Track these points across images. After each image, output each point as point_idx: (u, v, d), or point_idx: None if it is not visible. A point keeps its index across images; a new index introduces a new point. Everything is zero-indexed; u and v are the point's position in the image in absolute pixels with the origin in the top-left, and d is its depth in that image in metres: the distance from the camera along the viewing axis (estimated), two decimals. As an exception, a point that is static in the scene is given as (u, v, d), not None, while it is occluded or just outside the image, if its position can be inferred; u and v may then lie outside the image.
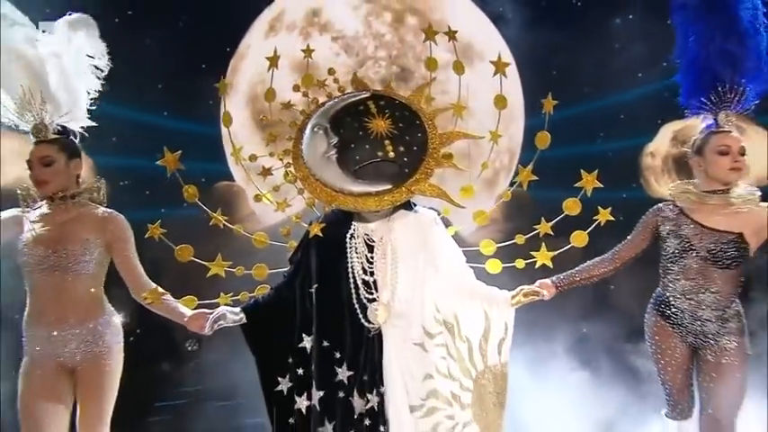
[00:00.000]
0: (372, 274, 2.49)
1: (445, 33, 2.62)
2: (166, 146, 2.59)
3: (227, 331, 2.58)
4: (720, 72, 2.80)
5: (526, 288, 2.59)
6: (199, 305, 2.59)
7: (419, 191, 2.47)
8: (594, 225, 2.61)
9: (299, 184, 2.53)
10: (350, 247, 2.51)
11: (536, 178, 2.63)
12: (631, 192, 4.80)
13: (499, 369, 2.54)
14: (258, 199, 2.69)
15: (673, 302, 2.84)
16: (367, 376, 2.46)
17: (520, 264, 2.63)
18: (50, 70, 2.77)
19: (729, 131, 2.81)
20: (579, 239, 2.61)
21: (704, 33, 2.83)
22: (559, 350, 4.43)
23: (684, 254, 2.77)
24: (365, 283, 2.49)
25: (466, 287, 2.58)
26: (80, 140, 2.92)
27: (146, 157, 2.89)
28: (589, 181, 2.58)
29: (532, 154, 2.67)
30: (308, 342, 2.53)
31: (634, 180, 4.96)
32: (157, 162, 2.55)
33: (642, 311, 2.99)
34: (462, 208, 2.57)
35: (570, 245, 2.61)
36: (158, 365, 4.91)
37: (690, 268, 2.77)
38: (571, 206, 2.59)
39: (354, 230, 2.54)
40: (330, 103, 2.62)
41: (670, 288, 2.85)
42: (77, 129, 2.87)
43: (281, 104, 2.65)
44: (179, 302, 2.61)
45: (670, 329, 2.86)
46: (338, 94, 2.64)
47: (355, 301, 2.48)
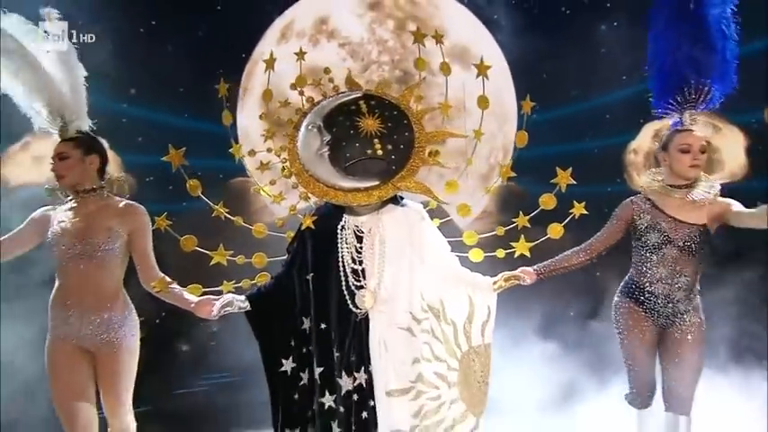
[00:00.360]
0: (361, 264, 2.48)
1: (432, 37, 2.58)
2: (189, 146, 2.60)
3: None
4: (687, 75, 2.79)
5: (507, 274, 2.58)
6: (204, 292, 2.57)
7: (405, 187, 2.46)
8: (569, 218, 2.58)
9: (294, 179, 2.52)
10: (340, 238, 2.51)
11: (519, 173, 2.62)
12: (616, 186, 4.77)
13: (483, 349, 2.53)
14: (257, 191, 2.68)
15: (648, 288, 2.83)
16: (354, 357, 2.45)
17: (500, 253, 2.61)
18: (63, 79, 2.80)
19: (692, 130, 2.81)
20: (555, 231, 2.59)
21: (673, 40, 2.82)
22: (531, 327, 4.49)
23: (663, 246, 2.78)
24: (354, 272, 2.48)
25: (451, 274, 2.56)
26: (110, 140, 2.96)
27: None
28: (563, 177, 2.57)
29: (524, 151, 2.65)
30: (308, 323, 2.53)
31: (618, 175, 4.91)
32: (162, 159, 2.55)
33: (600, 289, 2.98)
34: (445, 204, 2.57)
35: (547, 236, 2.59)
36: (180, 345, 4.95)
37: (667, 257, 2.78)
38: (547, 201, 2.57)
39: (345, 222, 2.52)
40: (324, 103, 2.60)
41: (648, 275, 2.83)
42: (85, 128, 2.88)
43: (279, 102, 2.63)
44: (185, 290, 2.60)
45: (642, 314, 2.85)
46: (333, 94, 2.61)
47: (344, 288, 2.47)
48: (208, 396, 4.82)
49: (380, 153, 2.45)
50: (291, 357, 2.53)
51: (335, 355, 2.48)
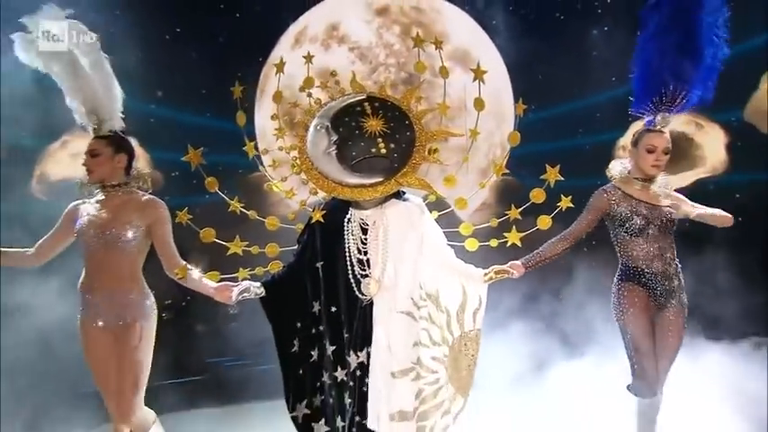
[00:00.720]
0: (366, 254, 2.48)
1: (432, 42, 2.57)
2: (211, 143, 2.61)
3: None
4: (666, 80, 2.74)
5: (497, 267, 2.56)
6: (221, 279, 2.58)
7: (406, 183, 2.46)
8: (557, 211, 2.57)
9: (304, 176, 2.51)
10: (347, 231, 2.50)
11: (516, 167, 2.60)
12: (605, 179, 4.74)
13: (473, 334, 2.52)
14: (269, 187, 2.67)
15: (646, 269, 2.78)
16: (359, 338, 2.46)
17: (494, 243, 2.59)
18: (99, 83, 2.81)
19: (661, 132, 2.78)
20: (544, 223, 2.57)
21: (660, 47, 2.76)
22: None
23: (646, 227, 2.75)
24: (359, 261, 2.48)
25: (447, 264, 2.55)
26: (139, 138, 2.97)
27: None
28: (552, 174, 2.55)
29: (521, 147, 2.63)
30: (317, 306, 2.54)
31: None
32: (183, 159, 2.56)
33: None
34: (444, 198, 2.56)
35: (536, 227, 2.58)
36: (205, 326, 4.99)
37: (652, 236, 2.77)
38: (537, 195, 2.55)
39: (351, 216, 2.52)
40: (331, 104, 2.59)
41: (641, 256, 2.79)
42: (118, 129, 2.88)
43: (289, 104, 2.62)
44: (204, 277, 2.61)
45: (645, 296, 2.78)
46: (339, 96, 2.60)
47: (351, 276, 2.48)
48: (228, 369, 4.88)
49: (384, 151, 2.45)
50: (300, 338, 2.54)
51: (345, 336, 2.49)
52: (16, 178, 4.68)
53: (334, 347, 2.51)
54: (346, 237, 2.50)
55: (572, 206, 2.59)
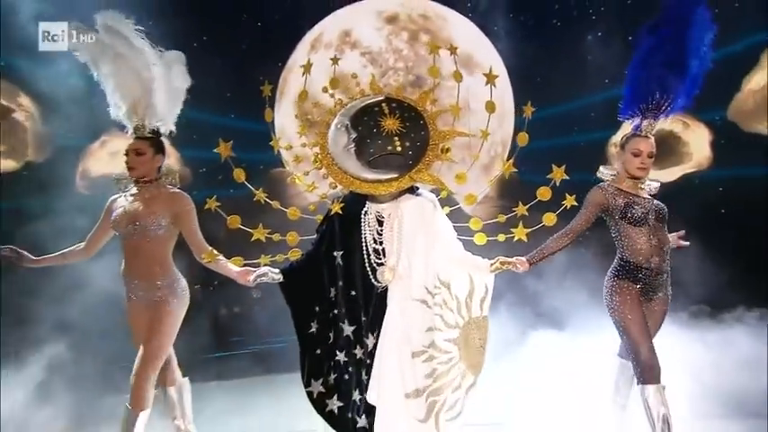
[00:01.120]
0: (381, 244, 2.46)
1: (447, 49, 2.53)
2: (235, 141, 2.60)
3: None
4: (653, 90, 2.68)
5: (502, 258, 2.52)
6: (244, 264, 2.59)
7: (420, 179, 2.44)
8: (561, 209, 2.51)
9: (325, 171, 2.49)
10: (363, 222, 2.48)
11: (515, 170, 2.55)
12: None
13: (480, 320, 2.49)
14: (292, 181, 2.64)
15: (643, 264, 2.67)
16: (374, 323, 2.44)
17: (501, 237, 2.54)
18: (157, 88, 2.81)
19: (646, 137, 2.72)
20: (549, 219, 2.50)
21: (650, 63, 2.71)
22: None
23: (646, 217, 2.67)
24: (375, 251, 2.46)
25: (456, 255, 2.52)
26: (171, 138, 2.98)
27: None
28: (558, 173, 2.49)
29: (518, 148, 2.59)
30: (334, 292, 2.52)
31: (602, 165, 4.86)
32: (214, 150, 2.56)
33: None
34: (453, 194, 2.53)
35: (542, 224, 2.52)
36: (231, 308, 5.03)
37: (653, 227, 2.68)
38: (543, 193, 2.49)
39: (368, 209, 2.50)
40: (351, 105, 2.56)
41: (644, 250, 2.67)
42: (166, 131, 2.90)
43: (313, 104, 2.59)
44: (229, 262, 2.62)
45: (637, 289, 2.68)
46: (358, 97, 2.58)
47: (367, 265, 2.46)
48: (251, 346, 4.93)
49: (400, 149, 2.44)
50: (317, 320, 2.53)
51: (363, 319, 2.48)
52: (63, 175, 4.76)
53: (353, 327, 2.49)
54: (363, 228, 2.48)
55: (576, 204, 2.55)
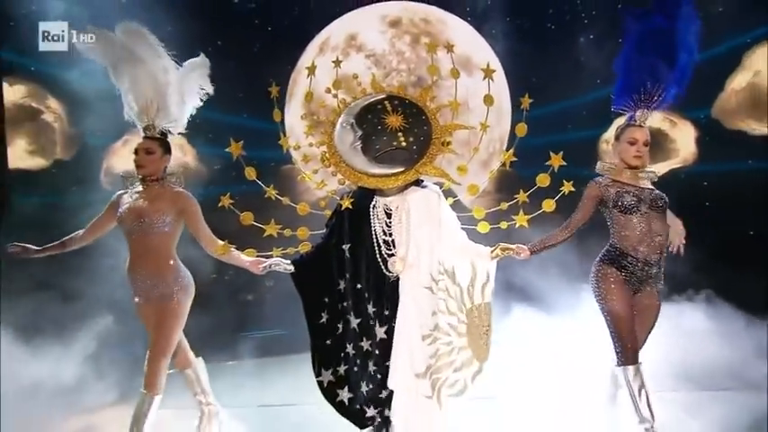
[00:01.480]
0: (390, 236, 2.43)
1: (444, 47, 2.49)
2: (247, 140, 2.58)
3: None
4: (644, 80, 2.63)
5: (503, 245, 2.48)
6: (257, 256, 2.57)
7: (425, 172, 2.40)
8: (560, 195, 2.48)
9: (333, 168, 2.46)
10: (372, 215, 2.45)
11: (515, 159, 2.53)
12: (591, 169, 4.67)
13: (483, 306, 2.47)
14: (302, 180, 2.60)
15: (629, 251, 2.60)
16: (388, 311, 2.41)
17: (504, 225, 2.51)
18: (171, 92, 2.77)
19: (641, 126, 2.66)
20: (548, 205, 2.47)
21: (640, 54, 2.66)
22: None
23: (638, 205, 2.60)
24: (385, 242, 2.43)
25: (459, 244, 2.49)
26: (188, 136, 2.96)
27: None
28: (556, 160, 2.48)
29: (517, 139, 2.57)
30: (344, 284, 2.48)
31: (594, 160, 4.76)
32: (226, 149, 2.52)
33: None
34: (458, 184, 2.48)
35: (541, 209, 2.49)
36: (245, 296, 5.04)
37: (645, 214, 2.60)
38: (542, 179, 2.46)
39: (376, 202, 2.46)
40: (355, 104, 2.52)
41: (630, 238, 2.60)
42: (176, 132, 2.86)
43: (318, 104, 2.56)
44: (242, 253, 2.59)
45: (622, 277, 2.61)
46: (361, 96, 2.54)
47: (378, 256, 2.42)
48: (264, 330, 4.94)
49: (404, 144, 2.40)
50: (327, 311, 2.48)
51: (371, 310, 2.43)
52: (89, 171, 4.77)
53: (359, 320, 2.45)
54: (372, 221, 2.44)
55: (573, 190, 2.50)
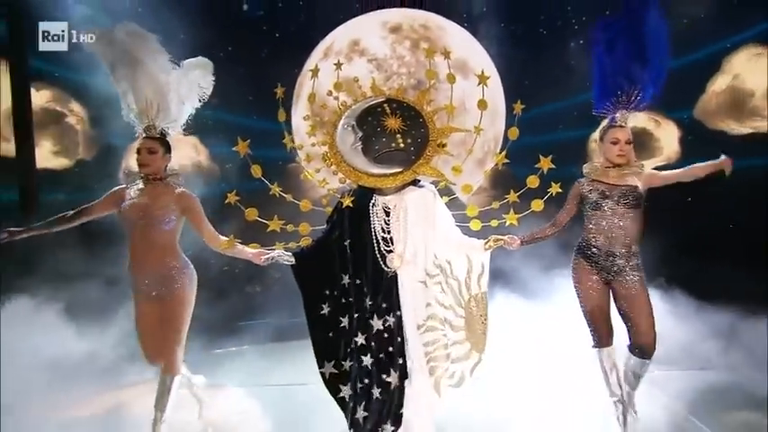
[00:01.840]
0: (389, 233, 2.40)
1: (441, 53, 2.45)
2: (256, 140, 2.54)
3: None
4: (621, 83, 2.61)
5: (495, 236, 2.47)
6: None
7: (422, 172, 2.38)
8: (548, 196, 2.46)
9: (335, 168, 2.42)
10: (372, 214, 2.42)
11: (507, 161, 2.52)
12: (581, 167, 4.65)
13: (480, 296, 2.44)
14: (305, 177, 2.56)
15: (593, 243, 2.62)
16: (385, 304, 2.37)
17: (494, 223, 2.49)
18: (171, 92, 2.71)
19: (622, 126, 2.63)
20: (537, 205, 2.46)
21: (614, 57, 2.63)
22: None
23: (602, 201, 2.61)
24: (384, 239, 2.40)
25: (454, 240, 2.46)
26: (200, 137, 2.92)
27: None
28: (545, 163, 2.45)
29: (509, 142, 2.55)
30: (347, 279, 2.44)
31: (583, 158, 4.73)
32: (233, 149, 2.49)
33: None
34: (453, 184, 2.46)
35: (531, 209, 2.48)
36: (254, 287, 5.04)
37: (606, 211, 2.60)
38: (532, 181, 2.45)
39: (375, 201, 2.43)
40: (355, 106, 2.48)
41: (594, 230, 2.63)
42: (175, 132, 2.78)
43: (320, 106, 2.53)
44: (246, 247, 2.55)
45: (589, 268, 2.64)
46: (362, 99, 2.50)
47: (377, 252, 2.39)
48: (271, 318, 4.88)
49: (402, 146, 2.38)
50: (329, 304, 2.44)
51: (368, 304, 2.40)
52: (109, 170, 4.76)
53: (356, 315, 2.42)
54: (372, 219, 2.41)
55: (561, 191, 2.49)
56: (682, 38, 4.89)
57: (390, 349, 2.36)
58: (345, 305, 2.44)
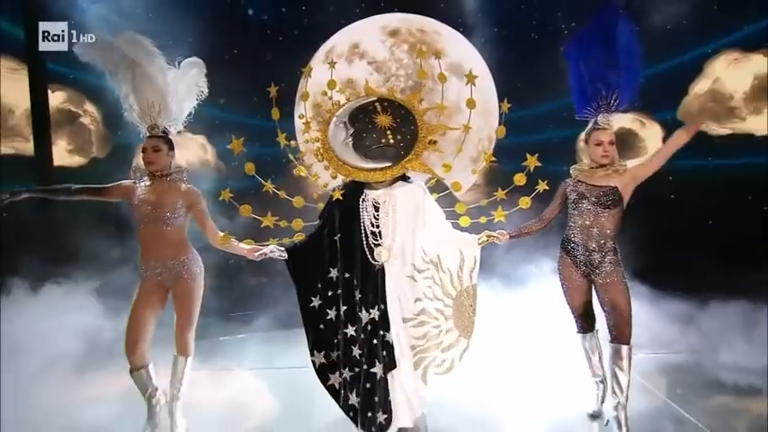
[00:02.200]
0: (378, 227, 2.35)
1: (433, 53, 2.40)
2: (260, 139, 2.52)
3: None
4: (599, 89, 2.58)
5: (488, 232, 2.43)
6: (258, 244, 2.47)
7: (411, 167, 2.33)
8: (535, 193, 2.42)
9: (326, 163, 2.37)
10: (362, 208, 2.37)
11: (500, 156, 2.48)
12: (570, 165, 4.66)
13: (471, 289, 2.39)
14: (297, 173, 2.50)
15: (572, 238, 2.62)
16: (371, 297, 2.32)
17: (483, 219, 2.45)
18: (171, 92, 2.66)
19: (605, 128, 2.59)
20: (524, 203, 2.42)
21: (588, 68, 2.61)
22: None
23: (581, 200, 2.59)
24: (372, 233, 2.35)
25: (446, 234, 2.40)
26: (207, 136, 2.89)
27: (247, 146, 2.81)
28: (531, 161, 2.40)
29: (504, 140, 2.50)
30: (335, 273, 2.39)
31: (572, 158, 4.70)
32: (227, 146, 2.43)
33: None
34: (443, 179, 2.40)
35: (518, 207, 2.43)
36: (259, 278, 5.04)
37: (584, 210, 2.58)
38: (519, 179, 2.40)
39: (365, 196, 2.37)
40: (348, 104, 2.43)
41: (573, 227, 2.62)
42: (176, 130, 2.73)
43: (315, 104, 2.48)
44: (241, 243, 2.51)
45: (570, 262, 2.64)
46: (354, 98, 2.45)
47: (365, 246, 2.34)
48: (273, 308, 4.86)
49: (392, 142, 2.34)
50: (319, 297, 2.40)
51: (357, 297, 2.34)
52: (121, 168, 4.72)
53: (345, 307, 2.36)
54: (361, 213, 2.36)
55: (548, 189, 2.43)
56: (666, 43, 4.90)
57: (375, 342, 2.31)
58: (334, 298, 2.39)
